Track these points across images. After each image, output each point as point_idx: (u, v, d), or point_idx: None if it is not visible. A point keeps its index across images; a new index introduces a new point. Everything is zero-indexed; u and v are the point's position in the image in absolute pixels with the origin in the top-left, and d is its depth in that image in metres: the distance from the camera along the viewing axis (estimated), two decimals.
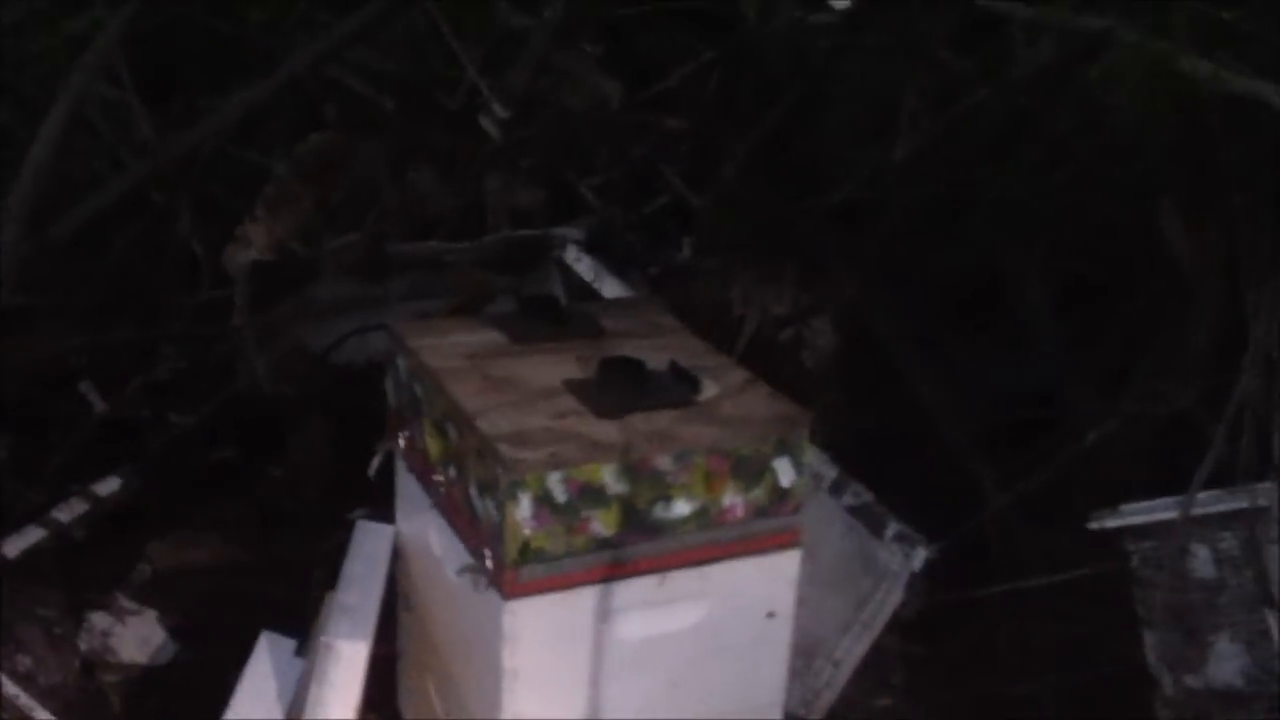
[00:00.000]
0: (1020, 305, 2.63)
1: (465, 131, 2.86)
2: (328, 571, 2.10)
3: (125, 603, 2.24)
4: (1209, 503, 1.96)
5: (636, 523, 1.67)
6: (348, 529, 2.05)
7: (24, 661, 2.10)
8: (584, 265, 2.58)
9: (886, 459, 2.44)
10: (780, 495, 1.74)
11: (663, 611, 1.71)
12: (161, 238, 2.79)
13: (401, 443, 1.95)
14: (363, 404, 2.52)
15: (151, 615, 2.23)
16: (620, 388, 1.75)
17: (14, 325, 2.43)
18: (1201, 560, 1.99)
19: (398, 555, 1.97)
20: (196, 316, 2.75)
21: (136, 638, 2.20)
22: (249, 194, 2.88)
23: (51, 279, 2.52)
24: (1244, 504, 1.92)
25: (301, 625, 2.05)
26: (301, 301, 2.66)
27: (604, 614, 1.68)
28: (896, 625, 2.19)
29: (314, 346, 2.68)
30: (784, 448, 1.73)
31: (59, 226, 2.26)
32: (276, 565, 2.39)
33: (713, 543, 1.72)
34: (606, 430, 1.68)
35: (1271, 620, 1.95)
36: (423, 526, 1.89)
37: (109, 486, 2.38)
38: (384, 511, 2.08)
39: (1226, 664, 1.97)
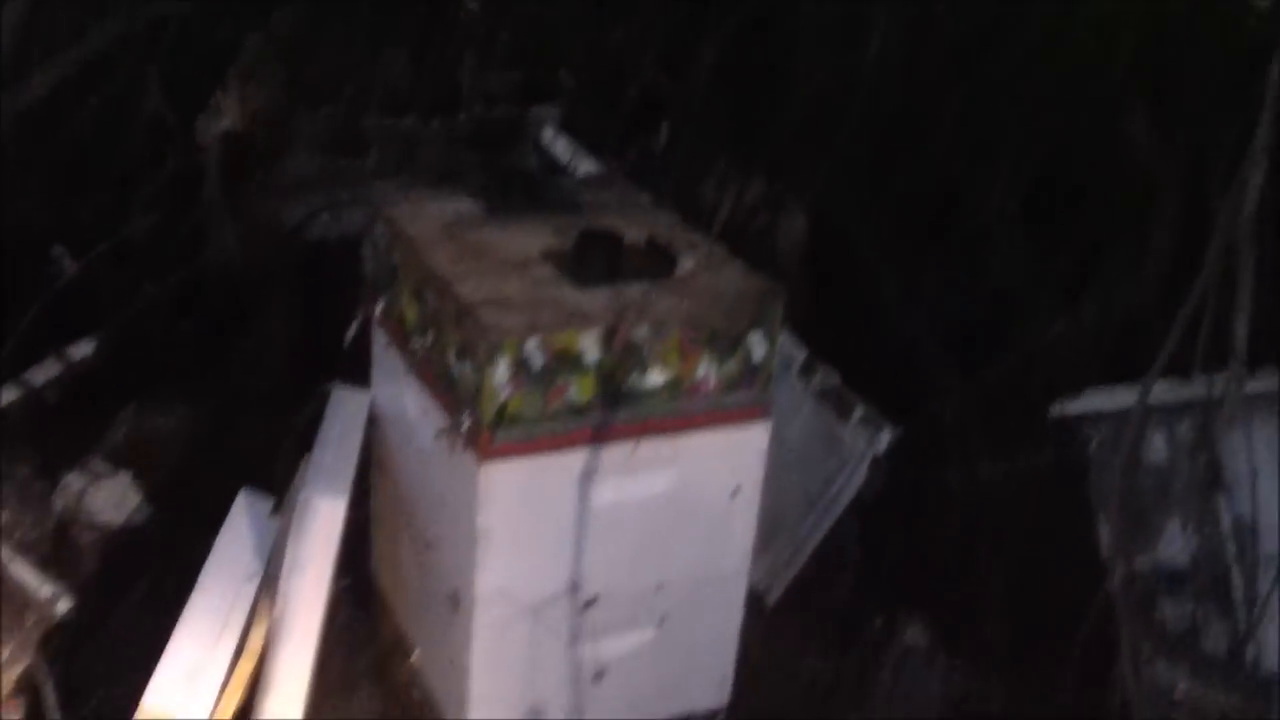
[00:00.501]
0: (985, 210, 2.66)
1: (442, 10, 2.83)
2: (300, 438, 2.13)
3: (99, 465, 2.26)
4: (1166, 391, 2.01)
5: (611, 391, 1.70)
6: (319, 399, 2.07)
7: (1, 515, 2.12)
8: (560, 146, 2.58)
9: (854, 344, 2.48)
10: (752, 369, 1.78)
11: (634, 478, 1.75)
12: (132, 107, 2.76)
13: (379, 310, 1.97)
14: (335, 278, 2.53)
15: (125, 477, 2.25)
16: (597, 259, 1.77)
17: None
18: (1156, 447, 2.06)
19: (373, 421, 1.99)
20: (168, 186, 2.73)
21: (111, 499, 2.22)
22: (224, 67, 2.85)
23: (22, 143, 2.50)
24: (1200, 392, 1.97)
25: (275, 489, 2.08)
26: (274, 175, 2.65)
27: (576, 478, 1.72)
28: (859, 506, 2.25)
29: (287, 220, 2.67)
30: (757, 323, 1.76)
31: (30, 85, 2.23)
32: (248, 432, 2.41)
33: (684, 413, 1.75)
34: (583, 299, 1.70)
35: (1221, 503, 2.02)
36: (399, 392, 1.91)
37: (81, 351, 2.38)
38: (358, 381, 2.10)
39: (1175, 546, 2.05)
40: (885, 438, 2.20)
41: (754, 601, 2.08)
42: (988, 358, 2.40)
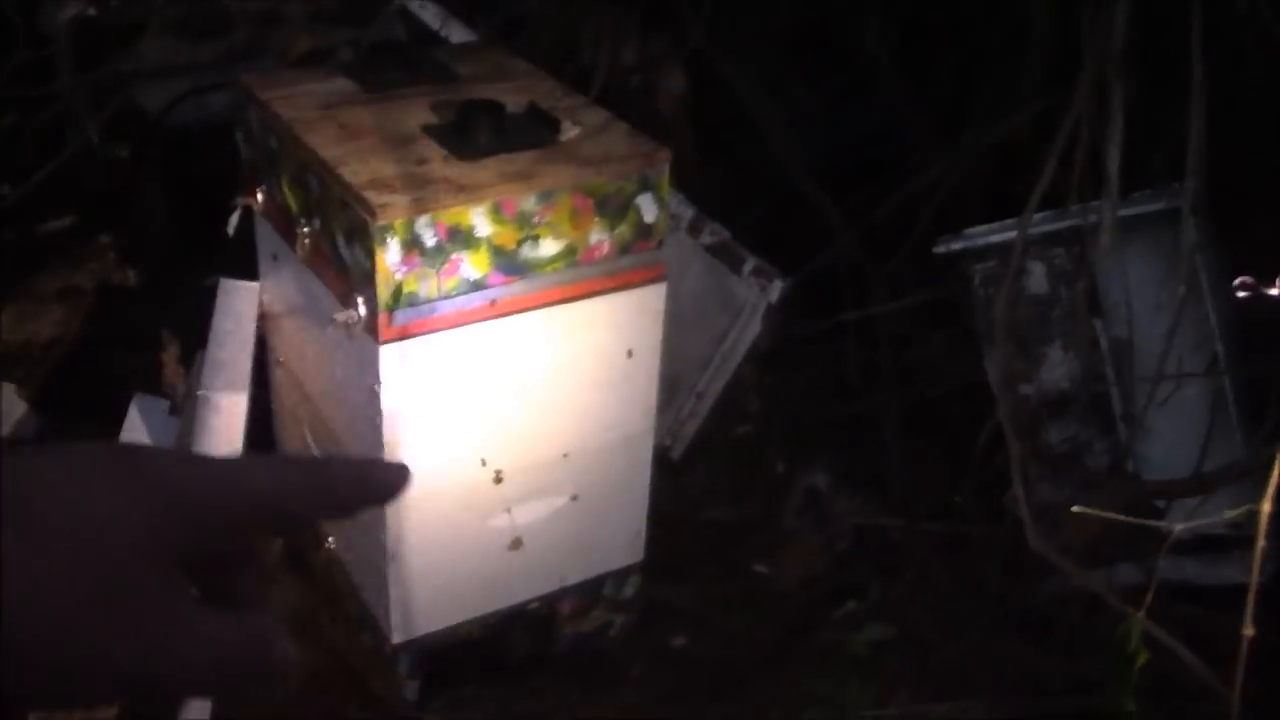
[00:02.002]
0: (860, 45, 2.67)
1: None
2: (185, 334, 2.08)
3: None
4: (1044, 222, 2.07)
5: (505, 263, 1.69)
6: (198, 294, 2.02)
7: None
8: (429, 12, 2.51)
9: (740, 197, 2.50)
10: (644, 231, 1.78)
11: (535, 348, 1.76)
12: None
13: (259, 198, 1.92)
14: (204, 165, 2.45)
15: (10, 389, 2.20)
16: (480, 130, 1.74)
17: None
18: (1036, 277, 2.12)
19: (264, 312, 1.96)
20: (14, 80, 2.60)
21: None
22: None
23: None
24: (1077, 221, 2.04)
25: (165, 388, 2.05)
26: (130, 61, 2.54)
27: (477, 353, 1.72)
28: (754, 356, 2.29)
29: (149, 108, 2.57)
30: (646, 184, 1.76)
31: None
32: (128, 333, 2.35)
33: (580, 280, 1.76)
34: (470, 173, 1.68)
35: (1098, 327, 2.10)
36: (289, 280, 1.88)
37: None
38: (243, 273, 2.05)
39: (1057, 370, 2.13)
40: (777, 288, 2.23)
41: (659, 457, 2.12)
42: (871, 202, 2.43)
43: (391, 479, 0.53)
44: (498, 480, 1.80)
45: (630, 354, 1.84)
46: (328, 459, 0.51)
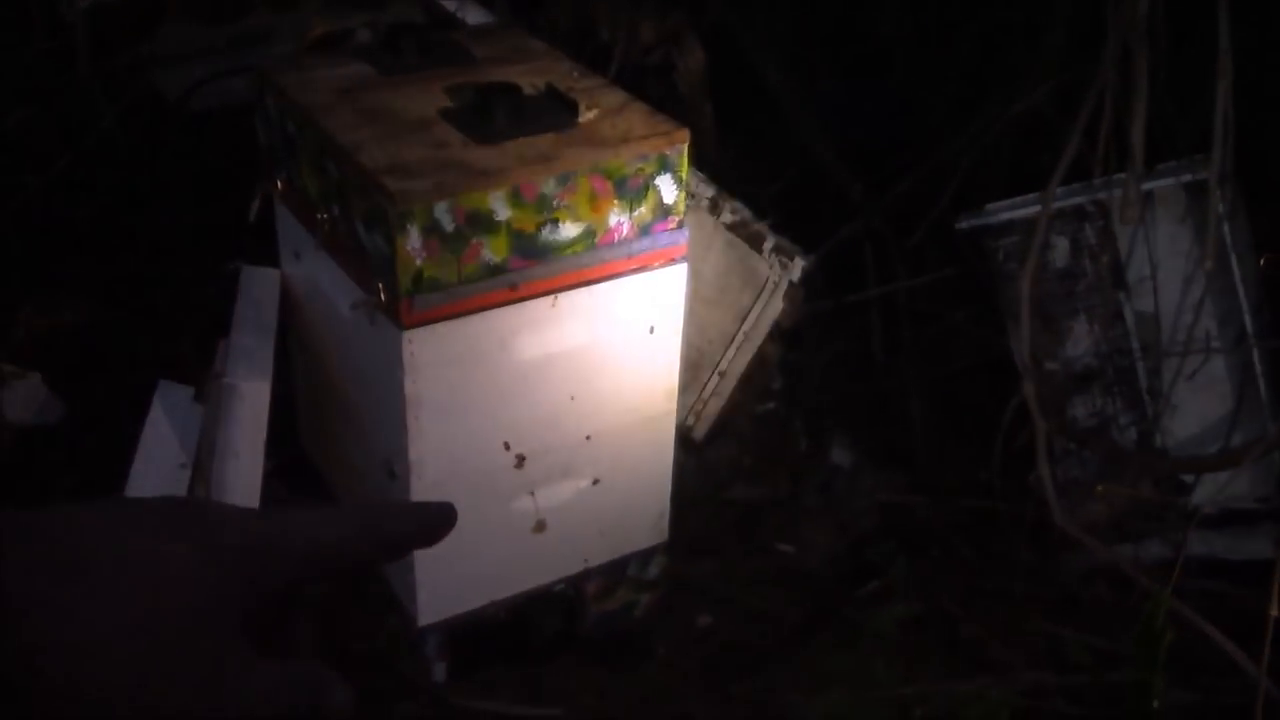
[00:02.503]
0: (879, 18, 2.65)
1: None
2: (208, 321, 2.09)
3: (5, 367, 2.20)
4: (1068, 196, 2.06)
5: (525, 247, 1.69)
6: (222, 279, 2.03)
7: None
8: None
9: (759, 176, 2.48)
10: (664, 212, 1.77)
11: (556, 331, 1.76)
12: None
13: (279, 185, 1.92)
14: (225, 151, 2.45)
15: (36, 377, 2.20)
16: (498, 114, 1.73)
17: None
18: (1060, 251, 2.10)
19: (285, 298, 1.96)
20: (34, 68, 2.60)
21: (22, 398, 2.18)
22: None
23: None
24: (1101, 195, 2.02)
25: (188, 375, 2.05)
26: (149, 47, 2.53)
27: (499, 337, 1.72)
28: (777, 334, 2.28)
29: (167, 94, 2.57)
30: (665, 165, 1.75)
31: None
32: (154, 319, 2.36)
33: (601, 262, 1.75)
34: (488, 157, 1.67)
35: (1123, 301, 2.08)
36: (309, 266, 1.88)
37: None
38: (264, 259, 2.06)
39: (1082, 345, 2.12)
40: (799, 265, 2.22)
41: (681, 437, 2.12)
42: (891, 177, 2.42)
43: (439, 520, 0.56)
44: (520, 464, 1.80)
45: (652, 335, 1.84)
46: (378, 506, 0.55)
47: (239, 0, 2.58)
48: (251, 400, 1.72)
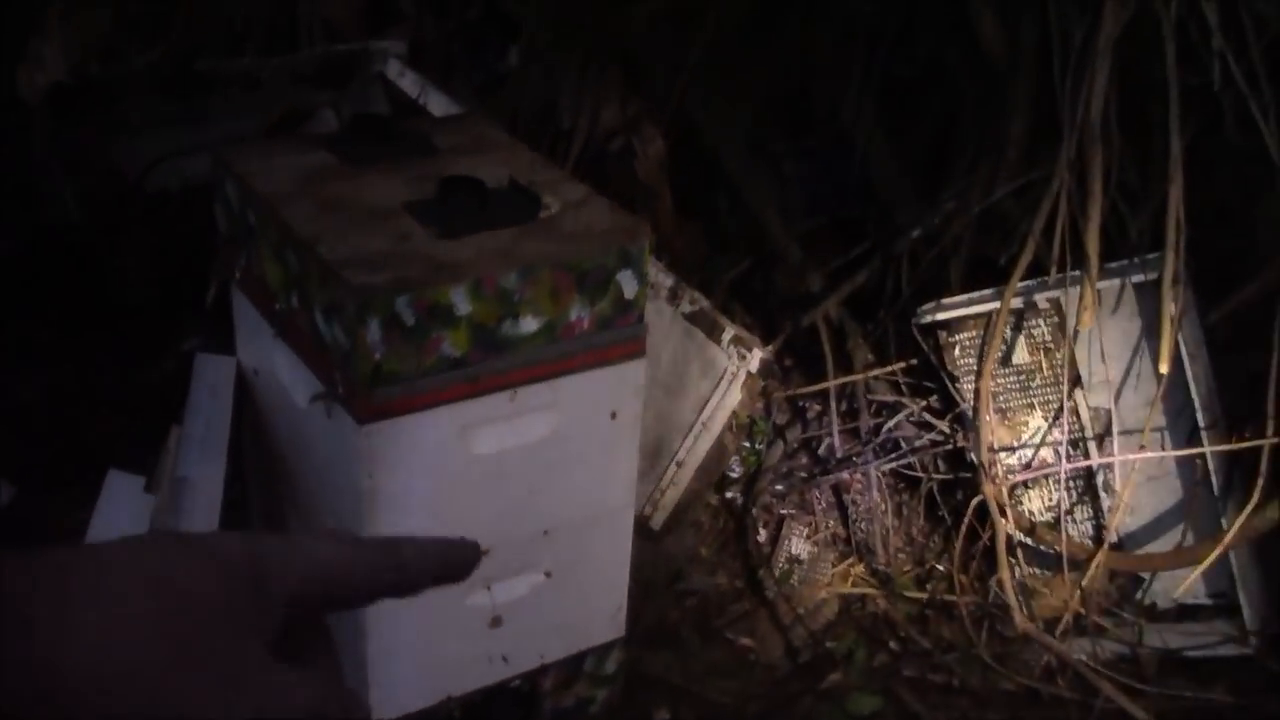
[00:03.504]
0: (840, 107, 2.68)
1: None
2: (160, 404, 2.06)
3: None
4: (1024, 292, 2.08)
5: (485, 340, 1.68)
6: (175, 360, 2.00)
7: None
8: (408, 80, 2.51)
9: (718, 263, 2.50)
10: (624, 307, 1.77)
11: (515, 425, 1.74)
12: None
13: (237, 271, 1.90)
14: (182, 230, 2.44)
15: None
16: (461, 207, 1.73)
17: None
18: (1016, 347, 2.12)
19: (240, 386, 1.94)
20: None
21: None
22: (36, 6, 2.69)
23: None
24: (1055, 292, 2.04)
25: (140, 461, 2.02)
26: (109, 124, 2.52)
27: (458, 431, 1.70)
28: (734, 423, 2.28)
29: (126, 171, 2.56)
30: (626, 260, 1.75)
31: None
32: (104, 399, 2.33)
33: (560, 356, 1.74)
34: (450, 250, 1.67)
35: (1079, 398, 2.10)
36: (266, 355, 1.86)
37: None
38: (214, 341, 2.03)
39: (1036, 437, 2.13)
40: (757, 356, 2.23)
41: (639, 525, 2.11)
42: (850, 266, 2.44)
43: (464, 557, 0.57)
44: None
45: (611, 428, 1.83)
46: (400, 539, 0.56)
47: (203, 78, 2.58)
48: (204, 491, 1.69)
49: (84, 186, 2.53)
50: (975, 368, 2.06)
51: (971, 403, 2.08)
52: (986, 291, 2.11)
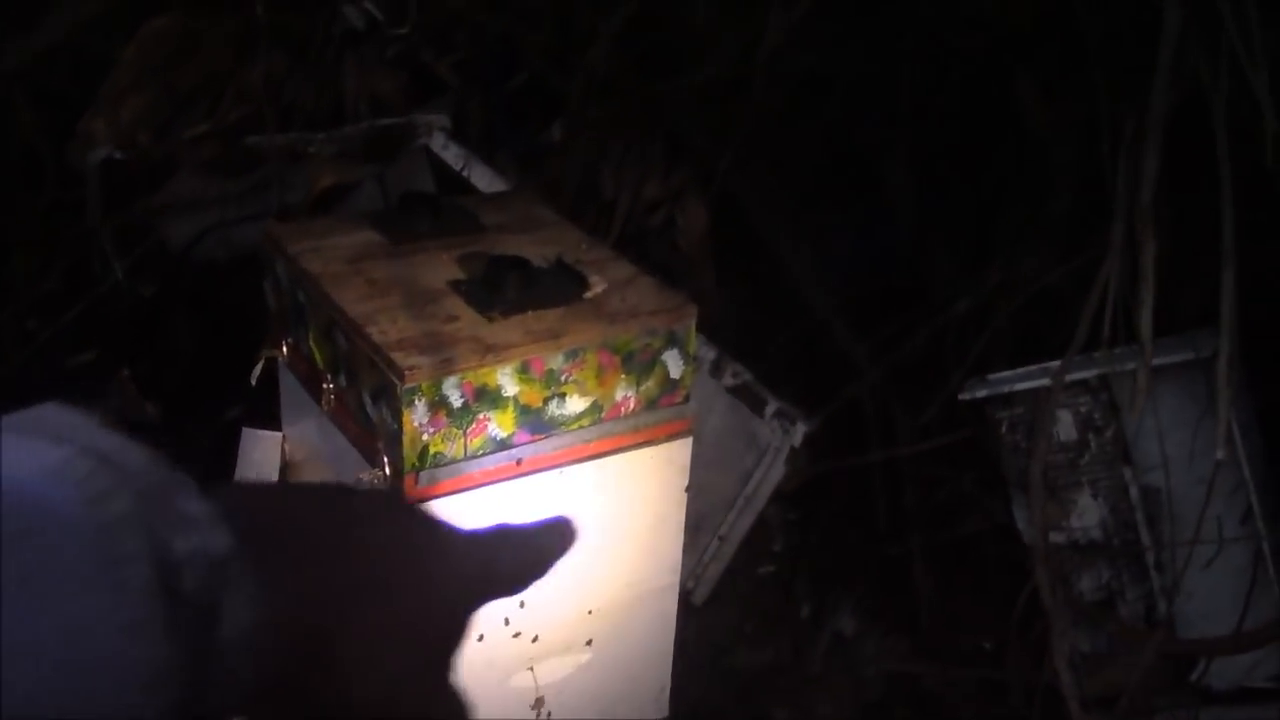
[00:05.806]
0: (884, 178, 2.68)
1: (321, 14, 2.75)
2: (203, 476, 2.07)
3: None
4: (1072, 368, 2.06)
5: (532, 421, 1.68)
6: (220, 432, 2.01)
7: None
8: (451, 153, 2.54)
9: (762, 336, 2.49)
10: (670, 386, 1.77)
11: (560, 506, 1.74)
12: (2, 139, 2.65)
13: (285, 349, 1.92)
14: (228, 300, 2.46)
15: None
16: (508, 287, 1.74)
17: None
18: (1064, 424, 2.10)
19: (286, 464, 1.95)
20: (44, 219, 2.63)
21: None
22: (90, 85, 2.74)
23: None
24: (1105, 369, 2.02)
25: None
26: (159, 199, 2.56)
27: (503, 512, 1.70)
28: (778, 497, 2.27)
29: (174, 244, 2.59)
30: (672, 340, 1.75)
31: None
32: None
33: (607, 436, 1.74)
34: (497, 331, 1.67)
35: (1128, 476, 2.07)
36: (312, 434, 1.87)
37: None
38: (260, 414, 2.04)
39: (1088, 517, 2.10)
40: (801, 430, 2.21)
41: (682, 600, 2.09)
42: (894, 339, 2.42)
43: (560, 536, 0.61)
44: (520, 638, 1.77)
45: (656, 507, 1.82)
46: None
47: (250, 153, 2.61)
48: None
49: (134, 259, 2.56)
50: (1021, 443, 2.04)
51: (1020, 480, 2.05)
52: (1034, 368, 2.09)
